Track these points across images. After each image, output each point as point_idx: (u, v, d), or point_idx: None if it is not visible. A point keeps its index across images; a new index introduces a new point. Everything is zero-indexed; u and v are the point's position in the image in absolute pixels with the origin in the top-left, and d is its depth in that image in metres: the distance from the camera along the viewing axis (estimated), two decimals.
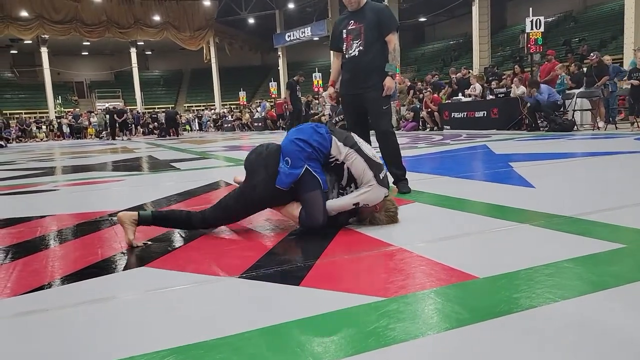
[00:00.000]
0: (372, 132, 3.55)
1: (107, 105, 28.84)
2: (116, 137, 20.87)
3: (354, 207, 2.39)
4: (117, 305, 1.59)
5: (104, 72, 37.33)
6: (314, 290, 1.59)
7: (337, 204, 2.37)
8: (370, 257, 1.92)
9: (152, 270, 1.92)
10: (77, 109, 28.69)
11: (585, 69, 10.84)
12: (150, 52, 38.37)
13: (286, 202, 2.40)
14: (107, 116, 22.17)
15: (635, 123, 8.72)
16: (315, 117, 17.84)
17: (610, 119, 9.78)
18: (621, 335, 1.19)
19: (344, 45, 3.54)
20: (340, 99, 3.76)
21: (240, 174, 2.68)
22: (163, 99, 37.28)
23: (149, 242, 2.31)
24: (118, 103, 30.67)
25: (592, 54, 10.58)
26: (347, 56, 3.53)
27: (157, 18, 30.34)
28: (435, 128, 12.69)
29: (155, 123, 23.20)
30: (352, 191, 2.42)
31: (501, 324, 1.28)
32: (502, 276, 1.61)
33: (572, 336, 1.19)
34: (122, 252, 2.18)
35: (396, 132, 4.16)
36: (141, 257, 2.10)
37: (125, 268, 1.96)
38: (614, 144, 6.18)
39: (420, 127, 13.28)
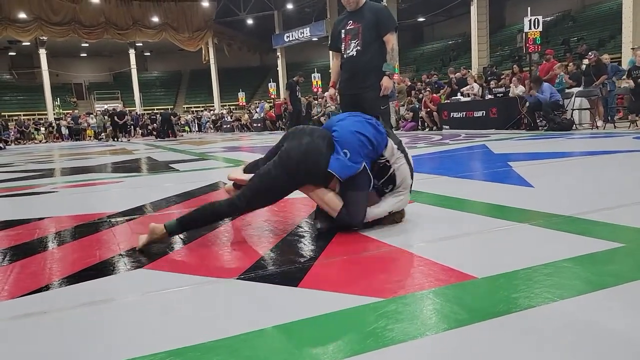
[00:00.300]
0: None
1: (105, 106, 28.87)
2: (118, 139, 20.85)
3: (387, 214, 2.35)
4: (115, 307, 1.59)
5: (103, 74, 37.33)
6: (313, 291, 1.59)
7: (375, 212, 2.30)
8: (368, 258, 1.91)
9: (151, 272, 1.91)
10: (75, 111, 28.69)
11: (584, 68, 10.84)
12: (149, 54, 38.38)
13: (318, 184, 2.25)
14: (108, 118, 22.22)
15: (636, 122, 8.71)
16: (314, 117, 17.86)
17: (609, 117, 9.79)
18: (620, 335, 1.19)
19: (342, 45, 3.54)
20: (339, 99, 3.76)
21: (234, 172, 2.60)
22: (162, 100, 37.28)
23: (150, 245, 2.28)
24: (117, 104, 30.68)
25: (590, 53, 10.58)
26: (345, 56, 3.54)
27: (155, 19, 30.36)
28: (435, 128, 12.70)
29: (154, 124, 23.20)
30: (386, 190, 2.37)
31: (500, 324, 1.27)
32: (501, 276, 1.61)
33: (571, 336, 1.19)
34: (121, 254, 2.18)
35: (395, 132, 4.15)
36: (139, 259, 2.09)
37: (124, 270, 1.96)
38: (613, 143, 6.19)
39: (420, 127, 13.29)
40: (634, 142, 6.16)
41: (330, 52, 3.93)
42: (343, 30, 3.55)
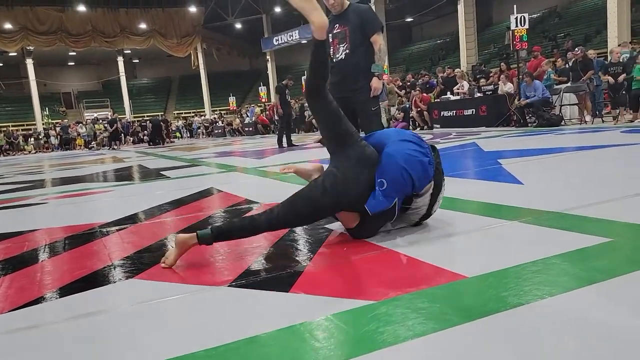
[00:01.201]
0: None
1: (95, 115, 28.73)
2: (112, 147, 20.75)
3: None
4: (107, 318, 1.58)
5: (92, 82, 37.15)
6: (304, 296, 1.59)
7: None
8: (360, 260, 1.92)
9: (142, 282, 1.90)
10: (65, 120, 28.53)
11: (571, 64, 10.95)
12: (137, 60, 38.23)
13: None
14: (106, 126, 22.24)
15: (619, 116, 8.78)
16: (308, 119, 17.87)
17: (597, 112, 9.88)
18: (608, 330, 1.20)
19: (331, 49, 3.56)
20: None
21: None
22: (152, 107, 37.15)
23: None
24: (107, 113, 30.53)
25: (576, 49, 10.68)
26: (334, 60, 3.55)
27: (143, 26, 30.27)
28: (425, 127, 12.74)
29: (145, 131, 23.14)
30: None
31: (490, 323, 1.28)
32: (491, 274, 1.62)
33: (560, 333, 1.20)
34: (111, 265, 2.16)
35: None
36: (130, 269, 2.09)
37: (115, 281, 1.95)
38: (601, 137, 6.23)
39: (411, 127, 13.34)
40: (621, 136, 6.21)
41: None
42: (330, 34, 3.55)
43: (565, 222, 2.19)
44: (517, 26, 10.37)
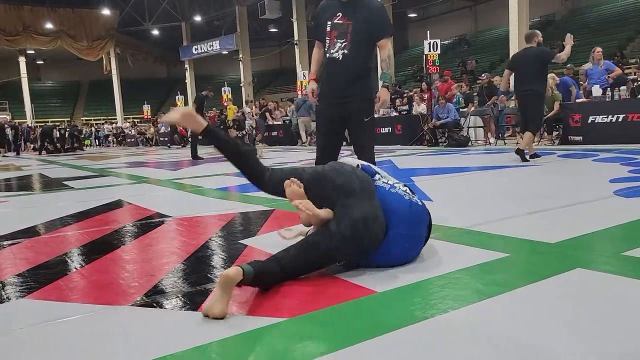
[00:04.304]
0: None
1: None
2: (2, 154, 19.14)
3: None
4: None
5: None
6: None
7: None
8: None
9: (36, 302, 1.75)
10: None
11: (477, 89, 11.75)
12: (42, 62, 35.63)
13: None
14: None
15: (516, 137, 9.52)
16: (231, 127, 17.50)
17: (500, 135, 10.66)
18: (506, 341, 1.27)
19: (327, 41, 3.04)
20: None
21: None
22: (58, 112, 34.75)
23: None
24: (6, 116, 28.07)
25: (483, 75, 11.49)
26: (327, 55, 3.06)
27: (49, 26, 28.27)
28: (345, 143, 13.00)
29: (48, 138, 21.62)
30: None
31: (398, 337, 1.31)
32: (400, 289, 1.66)
33: (463, 345, 1.25)
34: (0, 282, 1.96)
35: (307, 147, 4.13)
36: (22, 287, 1.91)
37: (4, 300, 1.77)
38: (504, 158, 6.71)
39: None
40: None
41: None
42: (330, 23, 3.01)
43: (469, 238, 2.31)
44: (430, 51, 10.97)
